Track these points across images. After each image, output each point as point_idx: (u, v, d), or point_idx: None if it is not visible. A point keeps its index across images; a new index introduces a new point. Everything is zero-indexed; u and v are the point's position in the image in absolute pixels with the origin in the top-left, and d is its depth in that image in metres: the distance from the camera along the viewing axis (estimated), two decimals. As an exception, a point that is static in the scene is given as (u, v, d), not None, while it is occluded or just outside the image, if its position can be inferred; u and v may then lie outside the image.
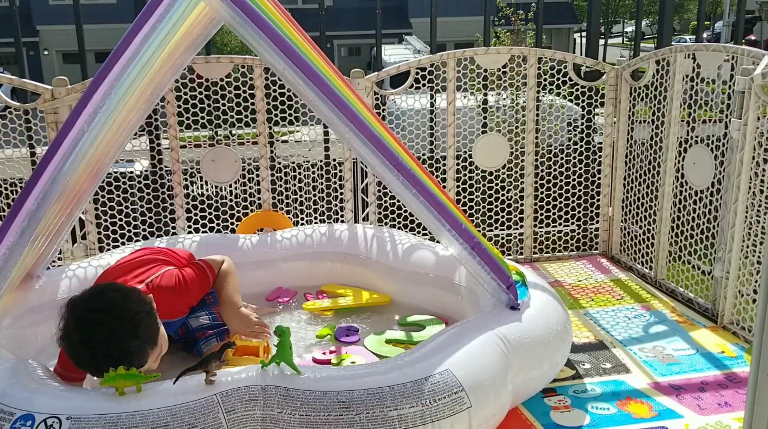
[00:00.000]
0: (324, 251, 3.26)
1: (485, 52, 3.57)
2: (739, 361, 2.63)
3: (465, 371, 2.05)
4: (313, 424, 1.86)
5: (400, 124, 3.70)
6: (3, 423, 1.83)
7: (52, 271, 2.86)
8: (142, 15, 2.37)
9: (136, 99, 2.44)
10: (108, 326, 2.07)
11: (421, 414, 1.92)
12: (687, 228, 3.20)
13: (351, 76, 3.42)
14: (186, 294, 2.51)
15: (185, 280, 2.51)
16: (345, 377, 2.01)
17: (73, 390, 2.05)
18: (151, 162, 3.62)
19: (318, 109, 2.37)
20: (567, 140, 3.96)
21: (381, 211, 3.71)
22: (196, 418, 1.83)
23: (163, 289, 2.45)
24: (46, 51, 25.66)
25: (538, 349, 2.32)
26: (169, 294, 2.45)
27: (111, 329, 2.07)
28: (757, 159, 2.74)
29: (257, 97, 3.44)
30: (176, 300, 2.48)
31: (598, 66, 3.70)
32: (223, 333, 2.65)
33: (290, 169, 3.66)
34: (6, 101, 3.27)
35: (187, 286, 2.51)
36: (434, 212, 2.43)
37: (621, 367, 2.60)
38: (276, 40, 2.28)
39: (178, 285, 2.49)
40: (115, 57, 2.38)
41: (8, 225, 2.39)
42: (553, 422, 2.24)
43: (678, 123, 3.25)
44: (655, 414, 2.29)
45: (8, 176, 3.36)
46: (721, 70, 2.99)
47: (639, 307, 3.17)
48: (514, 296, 2.44)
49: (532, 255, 3.84)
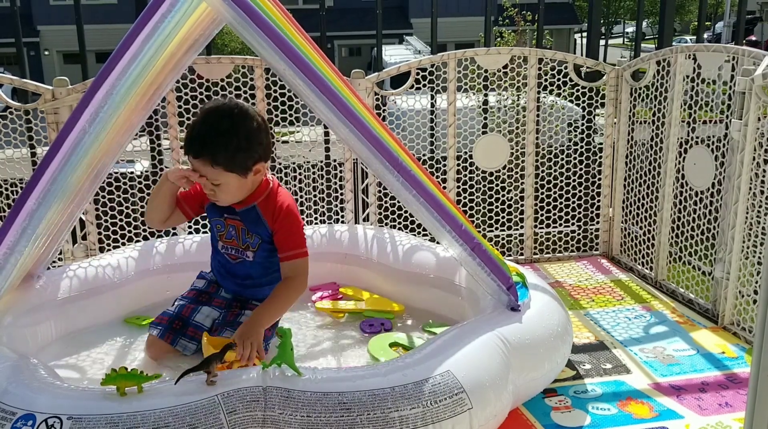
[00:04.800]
0: (324, 252, 3.25)
1: (486, 52, 3.57)
2: (739, 361, 2.64)
3: (466, 372, 2.05)
4: (314, 425, 1.87)
5: (400, 124, 3.70)
6: (4, 422, 1.83)
7: (53, 271, 2.86)
8: (143, 15, 2.37)
9: (137, 99, 2.44)
10: (234, 119, 2.32)
11: (422, 415, 1.92)
12: (687, 229, 3.20)
13: (351, 76, 3.42)
14: (287, 220, 2.47)
15: (296, 217, 2.51)
16: (346, 378, 2.01)
17: (75, 390, 2.05)
18: (151, 162, 3.63)
19: (318, 109, 2.37)
20: (567, 141, 3.96)
21: (381, 211, 3.71)
22: (198, 419, 1.83)
23: (281, 193, 2.51)
24: (47, 51, 25.68)
25: (538, 350, 2.32)
26: (282, 199, 2.50)
27: (236, 122, 2.32)
28: (757, 160, 2.74)
29: (258, 98, 3.44)
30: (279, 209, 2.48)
31: (599, 66, 3.71)
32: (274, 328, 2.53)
33: (291, 170, 3.66)
34: (6, 101, 3.27)
35: (295, 219, 2.50)
36: (434, 213, 2.43)
37: (621, 368, 2.61)
38: (277, 40, 2.28)
39: (292, 211, 2.49)
40: (117, 57, 2.38)
41: (9, 225, 2.40)
42: (554, 423, 2.24)
43: (678, 124, 3.25)
44: (655, 414, 2.29)
45: (9, 176, 3.36)
46: (722, 71, 2.99)
47: (639, 307, 3.18)
48: (515, 297, 2.44)
49: (533, 256, 3.84)
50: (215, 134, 2.31)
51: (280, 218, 2.49)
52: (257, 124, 2.38)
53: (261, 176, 2.47)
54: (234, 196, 2.45)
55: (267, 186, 2.53)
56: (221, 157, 2.32)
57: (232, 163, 2.34)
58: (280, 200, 2.50)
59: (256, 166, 2.40)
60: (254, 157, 2.38)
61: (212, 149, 2.31)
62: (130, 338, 2.78)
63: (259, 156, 2.39)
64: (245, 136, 2.34)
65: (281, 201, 2.51)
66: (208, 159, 2.33)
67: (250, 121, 2.36)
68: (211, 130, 2.32)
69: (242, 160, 2.35)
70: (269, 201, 2.51)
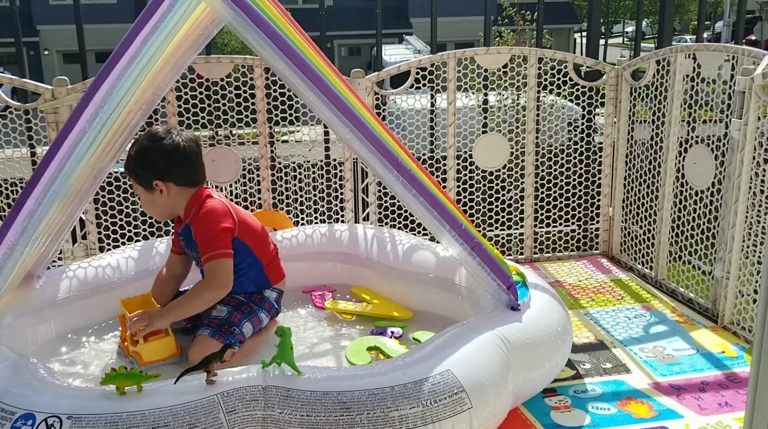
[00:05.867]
0: (324, 251, 3.25)
1: (486, 52, 3.57)
2: (739, 361, 2.64)
3: (465, 372, 2.05)
4: (314, 424, 1.87)
5: (400, 124, 3.70)
6: (4, 422, 1.84)
7: (53, 271, 2.86)
8: (143, 15, 2.37)
9: (136, 99, 2.44)
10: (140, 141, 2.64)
11: (422, 414, 1.92)
12: (687, 228, 3.20)
13: (351, 76, 3.42)
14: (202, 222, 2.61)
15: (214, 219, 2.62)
16: (346, 378, 2.01)
17: (75, 389, 2.05)
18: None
19: (318, 109, 2.38)
20: (567, 140, 3.96)
21: (381, 211, 3.71)
22: (197, 418, 1.83)
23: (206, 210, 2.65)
24: (47, 51, 25.67)
25: (538, 350, 2.32)
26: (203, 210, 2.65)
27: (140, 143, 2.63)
28: (757, 159, 2.74)
29: (258, 97, 3.44)
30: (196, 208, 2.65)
31: (599, 66, 3.71)
32: (249, 316, 2.66)
33: (290, 169, 3.65)
34: (6, 101, 3.27)
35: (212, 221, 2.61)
36: (434, 212, 2.43)
37: (621, 367, 2.60)
38: (276, 40, 2.28)
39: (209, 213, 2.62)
40: (116, 57, 2.38)
41: (9, 224, 2.40)
42: (554, 422, 2.24)
43: (678, 123, 3.25)
44: (655, 414, 2.29)
45: (9, 176, 3.36)
46: (722, 70, 2.99)
47: (639, 307, 3.18)
48: (515, 297, 2.44)
49: (533, 255, 3.84)
50: (129, 153, 2.65)
51: (196, 222, 2.63)
52: (162, 148, 2.58)
53: (168, 196, 2.63)
54: (150, 208, 2.72)
55: (197, 203, 2.65)
56: (130, 170, 2.64)
57: (135, 177, 2.63)
58: (203, 210, 2.63)
59: (155, 182, 2.60)
60: (151, 174, 2.60)
61: (125, 162, 2.66)
62: (130, 338, 2.78)
63: (155, 175, 2.59)
64: (141, 153, 2.61)
65: (203, 209, 2.63)
66: (125, 171, 2.68)
67: (155, 143, 2.60)
68: (129, 150, 2.66)
69: (142, 175, 2.62)
70: (196, 215, 2.64)
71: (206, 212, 2.61)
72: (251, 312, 2.68)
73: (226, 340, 2.51)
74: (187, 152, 2.62)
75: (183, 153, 2.60)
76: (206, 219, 2.60)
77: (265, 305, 2.74)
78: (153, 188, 2.61)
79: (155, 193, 2.63)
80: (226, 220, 2.62)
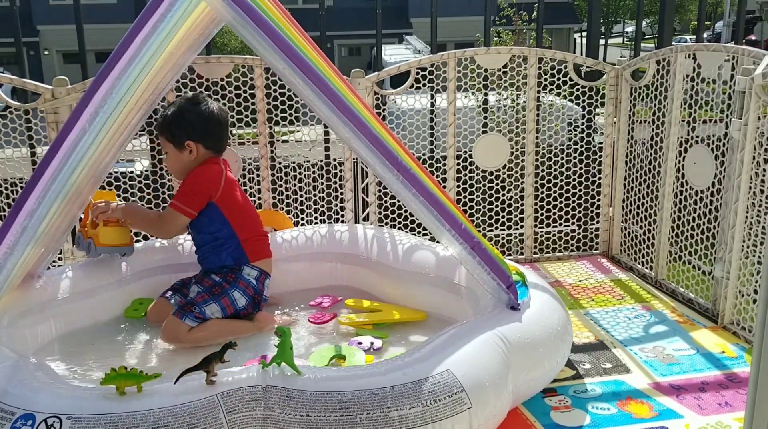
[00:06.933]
0: (324, 252, 3.25)
1: (485, 52, 3.57)
2: (739, 361, 2.64)
3: (465, 371, 2.05)
4: (314, 424, 1.86)
5: (400, 124, 3.70)
6: (4, 422, 1.83)
7: (53, 271, 2.86)
8: (142, 15, 2.37)
9: (136, 99, 2.45)
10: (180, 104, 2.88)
11: (422, 414, 1.92)
12: (687, 228, 3.20)
13: (351, 76, 3.42)
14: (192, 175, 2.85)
15: (194, 178, 2.85)
16: (345, 378, 2.01)
17: (74, 389, 2.05)
18: (151, 162, 3.62)
19: (318, 109, 2.38)
20: (567, 140, 3.96)
21: (381, 211, 3.71)
22: (197, 419, 1.83)
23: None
24: (47, 51, 25.67)
25: (538, 350, 2.32)
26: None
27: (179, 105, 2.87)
28: (757, 159, 2.74)
29: (258, 97, 3.44)
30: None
31: (599, 66, 3.71)
32: (218, 297, 2.78)
33: (290, 169, 3.65)
34: (6, 101, 3.27)
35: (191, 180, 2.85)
36: (434, 212, 2.43)
37: (621, 367, 2.60)
38: (276, 40, 2.28)
39: (194, 174, 2.86)
40: (116, 57, 2.38)
41: (9, 224, 2.40)
42: (554, 422, 2.24)
43: (678, 123, 3.25)
44: (655, 414, 2.29)
45: (9, 176, 3.36)
46: (722, 70, 2.99)
47: (639, 307, 3.18)
48: (515, 296, 2.44)
49: (533, 255, 3.84)
50: (166, 113, 2.87)
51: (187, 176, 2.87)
52: (200, 112, 2.83)
53: (196, 157, 2.85)
54: (172, 165, 2.93)
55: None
56: (165, 128, 2.85)
57: (169, 135, 2.84)
58: (198, 168, 2.86)
59: (188, 143, 2.82)
60: (186, 134, 2.82)
61: (160, 121, 2.88)
62: (130, 338, 2.78)
63: (189, 134, 2.81)
64: (179, 114, 2.82)
65: (198, 168, 2.86)
66: (158, 129, 2.92)
67: (194, 107, 2.84)
68: (165, 111, 2.89)
69: (177, 135, 2.83)
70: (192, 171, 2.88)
71: (197, 171, 2.84)
72: (222, 293, 2.80)
73: (183, 317, 2.69)
74: (220, 120, 2.89)
75: (217, 120, 2.88)
76: (193, 174, 2.84)
77: (240, 284, 2.83)
78: (184, 148, 2.85)
79: (184, 153, 2.85)
80: (209, 185, 2.84)
